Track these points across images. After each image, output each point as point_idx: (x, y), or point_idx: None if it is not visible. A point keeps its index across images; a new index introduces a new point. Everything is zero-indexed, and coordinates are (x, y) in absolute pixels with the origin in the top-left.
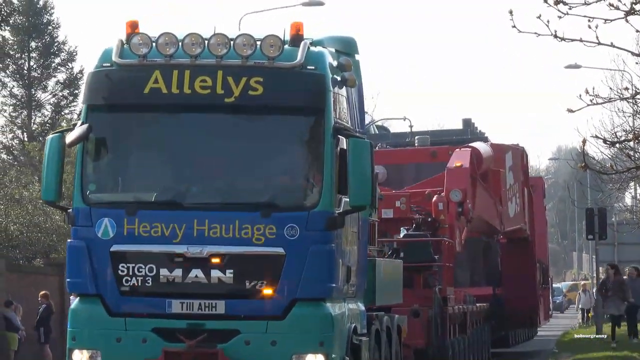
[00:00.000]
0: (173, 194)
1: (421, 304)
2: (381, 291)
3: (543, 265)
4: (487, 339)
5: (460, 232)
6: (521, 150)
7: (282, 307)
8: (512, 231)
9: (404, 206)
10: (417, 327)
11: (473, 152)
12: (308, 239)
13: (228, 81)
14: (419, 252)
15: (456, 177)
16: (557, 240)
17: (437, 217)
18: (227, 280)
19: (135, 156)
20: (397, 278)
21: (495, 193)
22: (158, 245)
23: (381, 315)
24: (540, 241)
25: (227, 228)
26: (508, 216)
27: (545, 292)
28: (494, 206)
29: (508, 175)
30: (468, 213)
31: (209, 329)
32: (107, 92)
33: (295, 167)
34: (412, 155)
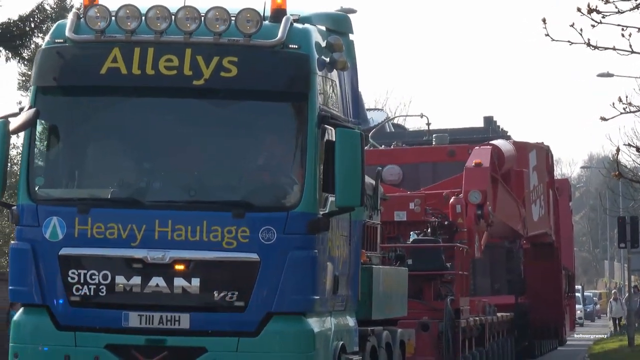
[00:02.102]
0: (132, 191)
1: (431, 316)
2: (380, 303)
3: (569, 273)
4: (511, 350)
5: (480, 236)
6: (546, 149)
7: (255, 322)
8: (536, 236)
9: (418, 208)
10: (426, 342)
11: (494, 150)
12: (287, 244)
13: (197, 61)
14: (429, 259)
15: (475, 177)
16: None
17: (455, 220)
18: (192, 290)
19: (90, 146)
20: (401, 288)
21: (518, 195)
22: (114, 249)
23: (379, 330)
24: (566, 247)
25: (194, 230)
26: (532, 220)
27: (571, 301)
28: (517, 209)
29: (532, 176)
30: (488, 216)
31: (170, 345)
32: (59, 72)
33: (273, 161)
34: (429, 154)
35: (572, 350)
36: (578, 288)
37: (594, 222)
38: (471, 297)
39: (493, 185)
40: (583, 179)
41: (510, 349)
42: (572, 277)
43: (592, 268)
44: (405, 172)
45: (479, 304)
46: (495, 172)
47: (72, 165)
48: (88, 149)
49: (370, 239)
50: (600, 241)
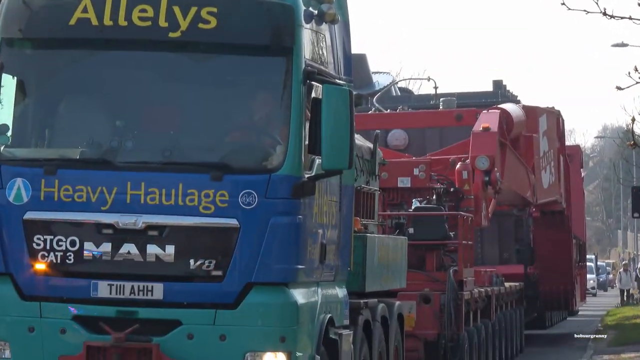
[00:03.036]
0: (103, 151)
1: (433, 288)
2: (375, 274)
3: (580, 242)
4: (519, 322)
5: (487, 204)
6: (557, 113)
7: (234, 293)
8: (545, 204)
9: (423, 174)
10: (428, 315)
11: (502, 115)
12: (269, 209)
13: (174, 11)
14: (431, 228)
15: (483, 142)
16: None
17: (461, 187)
18: (166, 258)
19: (58, 103)
20: (400, 258)
21: (528, 161)
22: (82, 214)
23: (373, 303)
24: (577, 215)
25: (169, 193)
26: (541, 187)
27: (582, 270)
28: (526, 175)
29: (542, 141)
30: (496, 183)
31: (142, 318)
32: (25, 23)
33: (255, 120)
34: (436, 118)
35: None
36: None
37: (607, 192)
38: (477, 267)
39: (501, 151)
40: (597, 149)
41: (519, 320)
42: (583, 246)
43: (606, 238)
44: (411, 137)
45: (485, 275)
46: (503, 137)
47: (39, 124)
48: (56, 106)
49: (367, 206)
50: (614, 211)
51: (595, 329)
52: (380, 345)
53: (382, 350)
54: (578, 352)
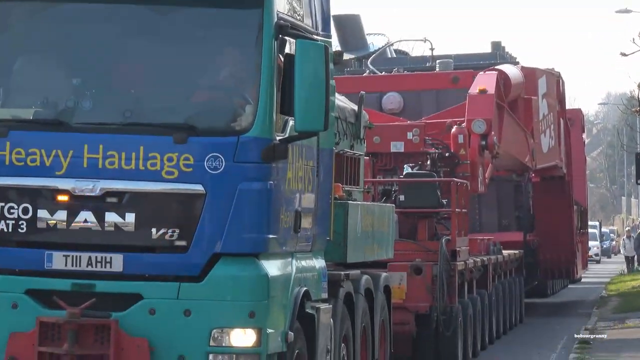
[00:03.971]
0: (58, 111)
1: (425, 258)
2: (357, 244)
3: (581, 208)
4: (520, 290)
5: (484, 169)
6: (557, 75)
7: (199, 265)
8: (545, 169)
9: (417, 139)
10: (420, 287)
11: (500, 76)
12: (237, 173)
13: None
14: (423, 195)
15: (479, 105)
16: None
17: (457, 151)
18: (126, 227)
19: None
20: (386, 227)
21: (526, 124)
22: (35, 179)
23: (356, 274)
24: (578, 181)
25: (129, 157)
26: (541, 151)
27: (584, 237)
28: (525, 139)
29: (541, 104)
30: (493, 147)
31: (100, 291)
32: None
33: (222, 78)
34: (432, 80)
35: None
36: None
37: (611, 159)
38: (474, 235)
39: (499, 114)
40: (600, 116)
41: (519, 289)
42: (584, 212)
43: (610, 204)
44: (406, 100)
45: (482, 243)
46: (501, 100)
47: None
48: (7, 63)
49: (351, 172)
50: (618, 178)
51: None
52: (364, 319)
53: (366, 325)
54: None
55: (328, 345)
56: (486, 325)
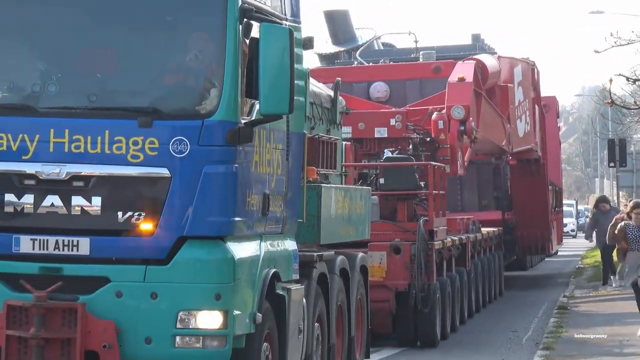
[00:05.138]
0: (23, 95)
1: (403, 238)
2: (331, 226)
3: (556, 188)
4: (499, 265)
5: (463, 153)
6: (532, 64)
7: (166, 248)
8: (521, 152)
9: (399, 124)
10: (398, 266)
11: (477, 65)
12: (202, 157)
13: None
14: (402, 178)
15: (458, 92)
16: (581, 168)
17: (437, 136)
18: (93, 210)
19: None
20: (362, 209)
21: (503, 110)
22: (2, 163)
23: (330, 255)
24: (553, 163)
25: (94, 141)
26: (517, 136)
27: (559, 215)
28: (501, 125)
29: (517, 91)
30: (471, 132)
31: (67, 275)
32: None
33: (186, 62)
34: (415, 70)
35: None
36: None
37: (585, 145)
38: (454, 215)
39: (476, 100)
40: (576, 106)
41: (498, 264)
42: (559, 192)
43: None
44: (392, 89)
45: (461, 222)
46: (478, 87)
47: None
48: None
49: (327, 156)
50: (592, 161)
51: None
52: (339, 298)
53: (342, 304)
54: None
55: (301, 325)
56: (465, 301)
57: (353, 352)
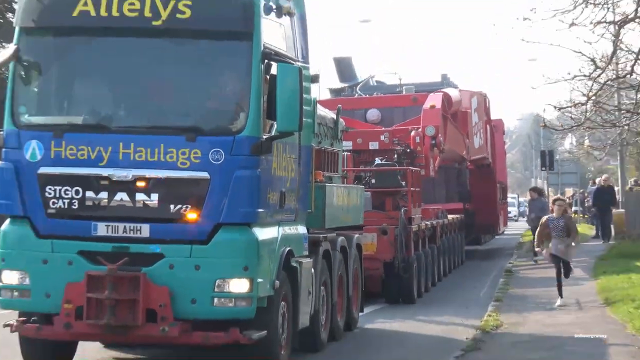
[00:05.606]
0: (100, 117)
1: (389, 223)
2: (333, 214)
3: (502, 185)
4: (461, 242)
5: (434, 160)
6: (484, 95)
7: (206, 232)
8: (477, 159)
9: (387, 139)
10: (385, 243)
11: (444, 96)
12: (233, 164)
13: (156, 4)
14: (388, 179)
15: (430, 116)
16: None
17: (415, 148)
18: (152, 203)
19: (64, 79)
20: (357, 202)
21: (463, 129)
22: (84, 168)
23: (332, 236)
24: (500, 167)
25: (153, 152)
26: (474, 147)
27: (504, 205)
28: (462, 140)
29: (473, 115)
30: (440, 145)
31: (133, 252)
32: (37, 14)
33: (222, 92)
34: (400, 100)
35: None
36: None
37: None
38: (427, 206)
39: (444, 122)
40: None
41: (461, 242)
42: (505, 188)
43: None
44: (383, 114)
45: (433, 211)
46: (445, 112)
47: (49, 95)
48: (62, 81)
49: (331, 163)
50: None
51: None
52: (340, 269)
53: (342, 273)
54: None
55: (310, 288)
56: (435, 269)
57: (351, 307)
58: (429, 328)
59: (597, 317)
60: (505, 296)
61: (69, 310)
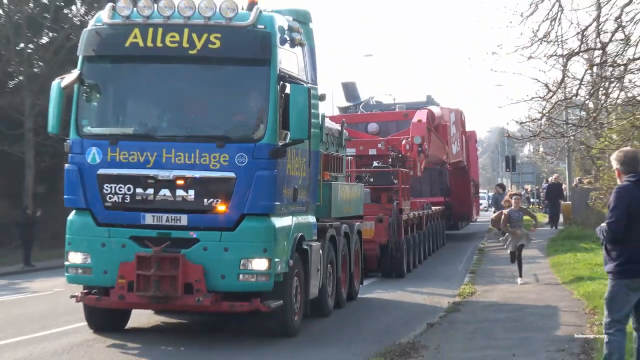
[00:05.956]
0: (147, 128)
1: (384, 213)
2: (338, 206)
3: (475, 183)
4: (442, 228)
5: (420, 163)
6: (460, 111)
7: (233, 221)
8: (455, 162)
9: (383, 147)
10: (381, 229)
11: (429, 112)
12: (255, 166)
13: (192, 37)
14: (383, 178)
15: (417, 128)
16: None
17: (405, 154)
18: (189, 198)
19: (118, 97)
20: (358, 196)
21: (443, 138)
22: (134, 170)
23: (337, 224)
24: (473, 169)
25: (190, 156)
26: (452, 153)
27: (476, 199)
28: (443, 147)
29: (452, 128)
30: (425, 151)
31: (174, 237)
32: (96, 45)
33: (245, 107)
34: (393, 116)
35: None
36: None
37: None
38: (415, 199)
39: (428, 133)
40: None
41: (442, 228)
42: (477, 185)
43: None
44: (380, 127)
45: (420, 203)
46: (430, 125)
47: (106, 111)
48: (117, 99)
49: (336, 165)
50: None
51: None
52: (344, 250)
53: (345, 253)
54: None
55: (318, 266)
56: (421, 250)
57: (353, 281)
58: (417, 296)
59: (550, 286)
60: (478, 270)
61: (122, 285)
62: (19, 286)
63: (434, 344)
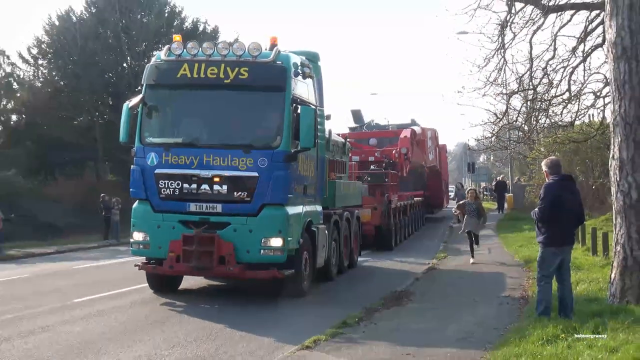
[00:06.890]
0: (192, 139)
1: (378, 203)
2: (340, 199)
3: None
4: (422, 214)
5: (406, 167)
6: (435, 130)
7: (256, 209)
8: (431, 167)
9: (379, 155)
10: (376, 215)
11: (412, 131)
12: (273, 167)
13: (227, 70)
14: (377, 178)
15: (403, 142)
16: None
17: (395, 160)
18: (223, 192)
19: (171, 115)
20: (356, 191)
21: (423, 150)
22: (182, 170)
23: (340, 211)
24: (444, 171)
25: (224, 159)
26: (429, 160)
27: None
28: (422, 155)
29: (429, 142)
30: (409, 158)
31: (212, 221)
32: (156, 76)
33: (266, 123)
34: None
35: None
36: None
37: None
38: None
39: (412, 145)
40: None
41: (422, 213)
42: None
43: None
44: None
45: (404, 196)
46: (413, 140)
47: (162, 125)
48: (170, 116)
49: (340, 168)
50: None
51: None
52: (345, 231)
53: (346, 234)
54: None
55: (324, 243)
56: (406, 230)
57: (353, 254)
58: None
59: (500, 254)
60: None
61: (172, 257)
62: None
63: (420, 292)
